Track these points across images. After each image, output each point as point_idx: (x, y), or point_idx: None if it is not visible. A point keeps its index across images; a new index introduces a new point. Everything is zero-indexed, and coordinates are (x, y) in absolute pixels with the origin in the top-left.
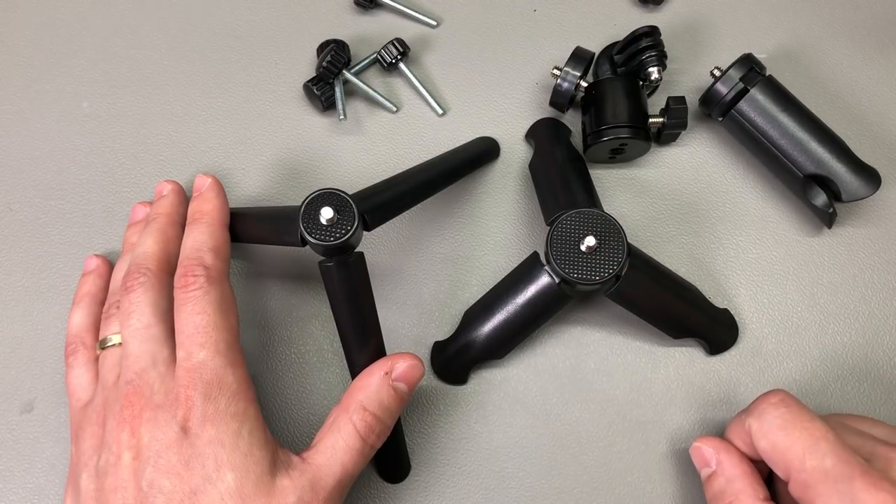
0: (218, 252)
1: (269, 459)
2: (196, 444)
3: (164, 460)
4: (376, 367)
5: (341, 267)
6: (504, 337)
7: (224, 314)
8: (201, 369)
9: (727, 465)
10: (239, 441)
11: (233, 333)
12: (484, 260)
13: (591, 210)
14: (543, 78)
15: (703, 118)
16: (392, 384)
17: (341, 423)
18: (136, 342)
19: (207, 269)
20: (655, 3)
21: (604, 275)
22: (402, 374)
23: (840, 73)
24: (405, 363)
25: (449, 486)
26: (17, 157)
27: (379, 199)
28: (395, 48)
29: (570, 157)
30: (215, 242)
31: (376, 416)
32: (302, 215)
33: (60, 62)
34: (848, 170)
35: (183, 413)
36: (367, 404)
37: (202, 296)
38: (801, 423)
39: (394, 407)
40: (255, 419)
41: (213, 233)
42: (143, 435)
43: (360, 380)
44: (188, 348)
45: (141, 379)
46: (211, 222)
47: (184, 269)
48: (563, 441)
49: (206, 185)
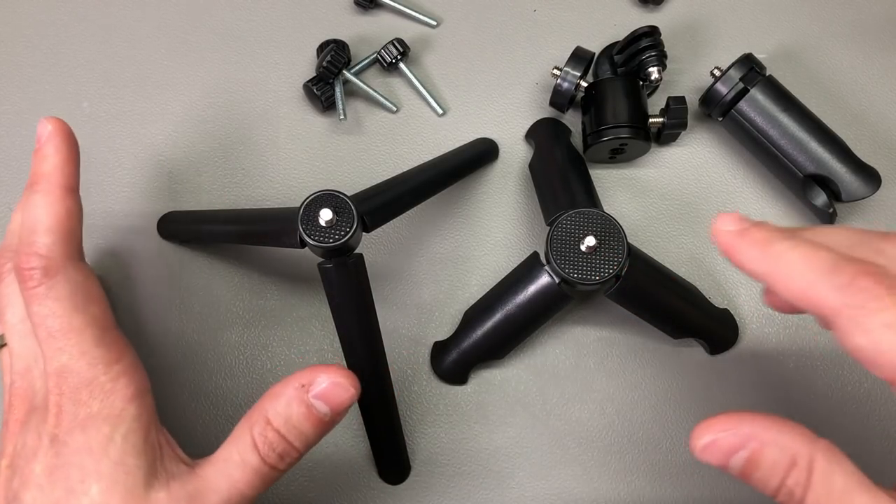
0: (57, 231)
1: (145, 469)
2: (62, 452)
3: (28, 470)
4: (293, 377)
5: (340, 269)
6: (504, 337)
7: (78, 308)
8: (66, 374)
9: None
10: (110, 447)
11: (97, 326)
12: (484, 260)
13: (591, 210)
14: (543, 78)
15: (703, 118)
16: (308, 400)
17: (242, 435)
18: (15, 339)
19: (43, 257)
20: (655, 3)
21: (604, 275)
22: (323, 392)
23: (840, 73)
24: (328, 379)
25: (449, 486)
26: (17, 157)
27: (378, 200)
28: (395, 48)
29: (570, 157)
30: (53, 219)
31: (280, 433)
32: (301, 217)
33: (60, 62)
34: (848, 170)
35: (53, 420)
36: (272, 418)
37: (45, 293)
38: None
39: (306, 428)
40: (133, 420)
41: (51, 205)
42: (17, 441)
43: (272, 388)
44: (48, 353)
45: (24, 379)
46: (49, 190)
47: (17, 258)
48: (563, 441)
49: (46, 135)
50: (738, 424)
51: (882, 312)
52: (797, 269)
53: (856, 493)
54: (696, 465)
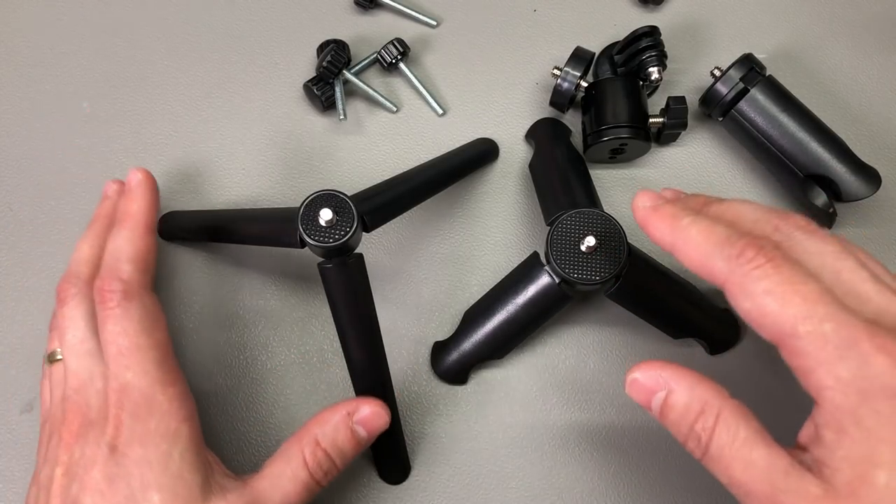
0: (138, 262)
1: (200, 483)
2: (122, 462)
3: (88, 477)
4: (340, 405)
5: (341, 268)
6: (504, 337)
7: (147, 332)
8: (128, 390)
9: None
10: (169, 462)
11: (160, 350)
12: (484, 260)
13: (592, 210)
14: (543, 78)
15: (703, 118)
16: (351, 426)
17: (292, 453)
18: (73, 358)
19: (124, 282)
20: (655, 3)
21: (604, 275)
22: (364, 419)
23: (840, 73)
24: (370, 409)
25: (449, 486)
26: (17, 157)
27: (378, 200)
28: (395, 48)
29: (570, 157)
30: (135, 251)
31: (328, 453)
32: (301, 217)
33: (60, 62)
34: (848, 170)
35: (112, 431)
36: (321, 439)
37: (121, 314)
38: (793, 285)
39: (348, 449)
40: (187, 440)
41: (135, 239)
42: (74, 451)
43: (321, 414)
44: (114, 369)
45: (79, 395)
46: (134, 227)
47: (101, 281)
48: (563, 441)
49: (135, 182)
50: (659, 369)
51: (763, 280)
52: (696, 242)
53: (756, 445)
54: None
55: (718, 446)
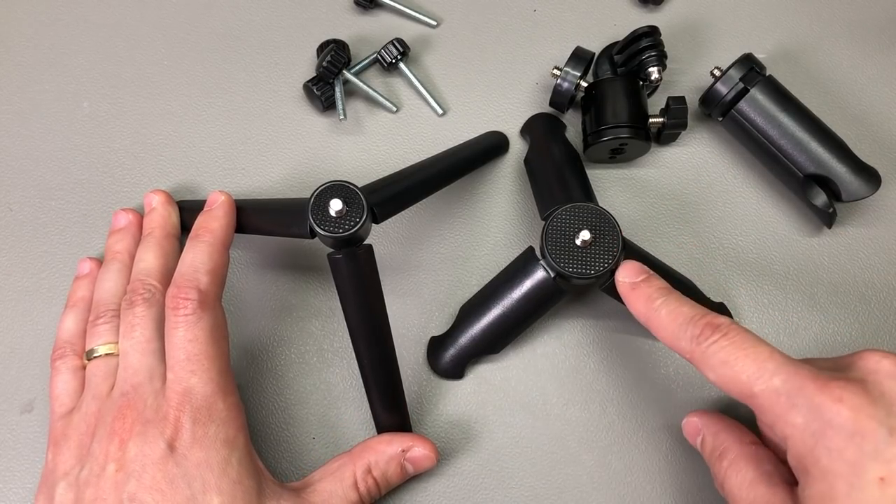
0: (214, 275)
1: (256, 489)
2: (183, 464)
3: (148, 476)
4: (398, 439)
5: (350, 259)
6: (500, 332)
7: (216, 342)
8: (191, 394)
9: (710, 423)
10: (228, 468)
11: (224, 360)
12: (481, 256)
13: (587, 204)
14: (543, 78)
15: (703, 118)
16: (403, 462)
17: (345, 474)
18: (136, 355)
19: (201, 292)
20: (655, 3)
21: (599, 269)
22: (416, 458)
23: (840, 73)
24: (422, 451)
25: (449, 486)
26: (17, 157)
27: (388, 192)
28: (395, 48)
29: (565, 151)
30: (213, 264)
31: (377, 482)
32: (311, 207)
33: (60, 62)
34: (848, 170)
35: (171, 432)
36: (373, 468)
37: (195, 322)
38: (744, 349)
39: (394, 481)
40: (244, 448)
41: (213, 254)
42: (130, 448)
43: (380, 443)
44: (178, 373)
45: (136, 392)
46: (213, 242)
47: (177, 288)
48: (563, 441)
49: (219, 202)
50: (698, 417)
51: (719, 352)
52: (665, 323)
53: (758, 486)
54: (697, 466)
55: (730, 485)
